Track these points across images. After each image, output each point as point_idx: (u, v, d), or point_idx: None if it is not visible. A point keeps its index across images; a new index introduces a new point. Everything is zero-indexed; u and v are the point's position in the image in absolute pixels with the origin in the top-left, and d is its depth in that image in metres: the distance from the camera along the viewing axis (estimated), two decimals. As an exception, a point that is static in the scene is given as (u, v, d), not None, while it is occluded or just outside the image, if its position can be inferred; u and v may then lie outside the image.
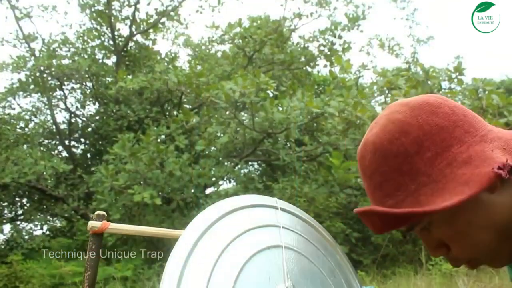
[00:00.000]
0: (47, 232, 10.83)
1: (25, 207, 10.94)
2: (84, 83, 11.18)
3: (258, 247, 0.74)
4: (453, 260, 0.73)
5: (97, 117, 11.14)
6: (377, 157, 0.70)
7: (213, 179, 7.89)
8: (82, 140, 11.90)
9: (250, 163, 10.12)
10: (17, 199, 10.90)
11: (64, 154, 11.20)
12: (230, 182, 9.14)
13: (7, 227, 10.15)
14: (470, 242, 0.68)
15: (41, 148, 10.79)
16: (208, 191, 8.41)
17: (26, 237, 9.87)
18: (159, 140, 8.03)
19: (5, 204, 10.64)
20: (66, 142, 11.18)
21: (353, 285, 0.87)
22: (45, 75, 10.17)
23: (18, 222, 10.59)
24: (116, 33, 10.78)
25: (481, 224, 0.67)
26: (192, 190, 7.53)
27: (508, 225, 0.67)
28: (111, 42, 10.94)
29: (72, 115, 11.36)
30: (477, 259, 0.71)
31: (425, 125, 0.67)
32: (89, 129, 11.56)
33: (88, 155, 11.93)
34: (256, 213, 0.79)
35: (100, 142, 11.23)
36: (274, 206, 0.82)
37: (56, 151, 11.40)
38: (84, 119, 11.64)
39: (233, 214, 0.75)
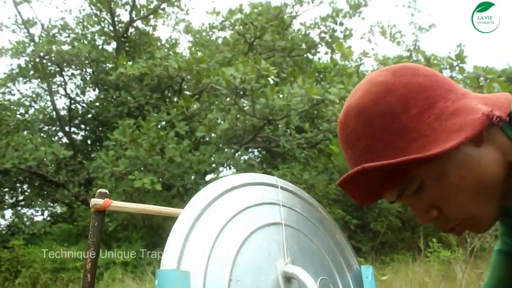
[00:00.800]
0: (48, 218, 10.90)
1: (26, 193, 10.99)
2: (84, 69, 11.14)
3: (258, 224, 0.74)
4: (443, 223, 0.74)
5: (97, 103, 11.12)
6: (362, 119, 0.69)
7: (213, 165, 7.91)
8: (82, 126, 11.90)
9: (250, 149, 10.14)
10: (17, 185, 10.94)
11: (65, 140, 11.22)
12: (230, 168, 9.16)
13: (8, 213, 10.21)
14: (462, 199, 0.69)
15: (41, 134, 10.80)
16: (208, 177, 8.43)
17: (27, 222, 9.92)
18: (159, 126, 8.03)
19: (6, 189, 10.68)
20: (66, 128, 11.18)
21: (351, 264, 0.88)
22: (44, 61, 10.12)
23: (19, 208, 10.65)
24: (116, 18, 10.71)
25: (471, 178, 0.68)
26: (192, 177, 7.55)
27: (495, 183, 0.69)
28: (111, 28, 10.88)
29: (72, 101, 11.35)
30: (467, 220, 0.72)
31: (409, 84, 0.69)
32: (89, 115, 11.56)
33: (89, 141, 11.94)
34: (256, 191, 0.79)
35: (100, 129, 11.24)
36: (274, 184, 0.83)
37: (56, 137, 11.41)
38: (84, 105, 11.63)
39: (233, 191, 0.76)
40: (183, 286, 0.58)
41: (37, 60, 10.07)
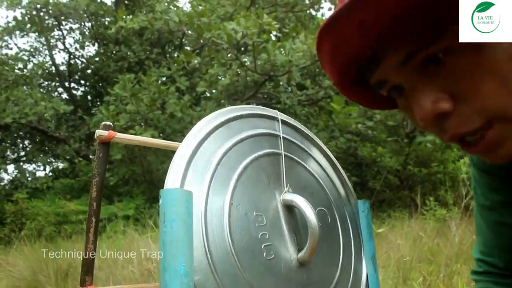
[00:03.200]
0: (50, 173, 11.03)
1: (27, 149, 11.07)
2: (82, 23, 10.95)
3: (259, 152, 0.76)
4: (457, 123, 0.47)
5: (97, 58, 11.01)
6: None
7: (214, 121, 7.91)
8: (82, 81, 11.84)
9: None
10: (18, 140, 11.01)
11: (64, 96, 11.19)
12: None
13: (11, 168, 10.33)
14: (504, 85, 0.44)
15: (41, 90, 10.76)
16: (209, 133, 8.45)
17: (30, 178, 10.05)
18: (160, 81, 7.97)
19: (7, 145, 10.76)
20: (66, 84, 11.12)
21: (349, 198, 0.90)
22: (42, 14, 9.93)
23: (21, 163, 10.76)
24: (114, -30, 10.43)
25: None
26: (193, 132, 7.58)
27: None
28: (109, -21, 10.61)
29: (71, 56, 11.23)
30: (498, 121, 0.46)
31: None
32: (89, 71, 11.46)
33: (89, 97, 11.91)
34: (256, 122, 0.80)
35: (100, 84, 11.18)
36: (275, 117, 0.84)
37: (56, 93, 11.37)
38: (83, 60, 11.52)
39: (234, 122, 0.77)
40: (186, 204, 0.59)
41: (34, 12, 9.88)
